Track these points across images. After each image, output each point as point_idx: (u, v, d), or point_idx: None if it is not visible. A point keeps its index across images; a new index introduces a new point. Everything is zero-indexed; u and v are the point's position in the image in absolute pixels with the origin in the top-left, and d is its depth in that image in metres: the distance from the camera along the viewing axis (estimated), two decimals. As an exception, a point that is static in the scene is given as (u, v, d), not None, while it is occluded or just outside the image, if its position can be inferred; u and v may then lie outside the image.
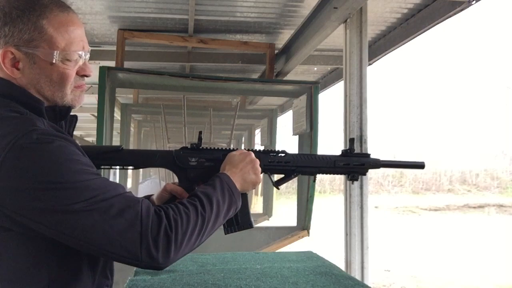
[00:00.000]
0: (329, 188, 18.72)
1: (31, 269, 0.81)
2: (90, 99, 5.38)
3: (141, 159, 1.19)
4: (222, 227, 1.21)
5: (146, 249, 0.79)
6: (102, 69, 3.02)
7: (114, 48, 3.72)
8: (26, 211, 0.76)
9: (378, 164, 1.29)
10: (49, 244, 0.81)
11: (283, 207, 10.11)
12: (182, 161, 1.17)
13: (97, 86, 3.05)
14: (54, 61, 0.89)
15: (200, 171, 1.18)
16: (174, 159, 1.17)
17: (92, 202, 0.78)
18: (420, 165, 1.34)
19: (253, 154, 1.15)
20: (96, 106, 2.98)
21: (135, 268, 1.70)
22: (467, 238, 9.78)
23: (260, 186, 6.52)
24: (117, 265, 1.02)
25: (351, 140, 1.31)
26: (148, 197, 1.23)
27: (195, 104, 6.31)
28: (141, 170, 8.00)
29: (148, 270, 1.68)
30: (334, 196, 16.89)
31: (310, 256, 1.98)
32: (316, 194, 3.61)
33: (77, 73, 0.94)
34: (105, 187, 0.82)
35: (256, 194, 7.47)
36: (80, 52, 0.93)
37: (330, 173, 1.28)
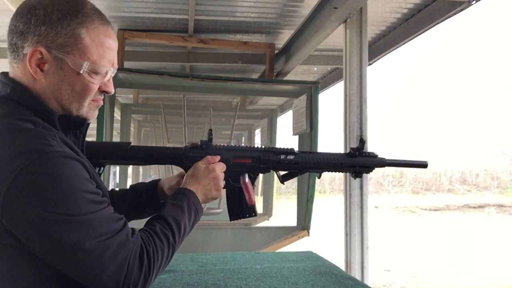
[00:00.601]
0: (329, 188, 18.72)
1: (37, 283, 0.82)
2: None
3: (151, 156, 1.20)
4: (227, 214, 1.25)
5: None
6: (102, 69, 3.02)
7: (114, 48, 3.71)
8: (27, 236, 0.77)
9: (384, 164, 1.31)
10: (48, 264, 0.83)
11: (283, 207, 10.11)
12: (191, 160, 1.17)
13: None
14: (81, 72, 0.87)
15: None
16: (183, 157, 1.18)
17: (92, 239, 0.79)
18: (423, 164, 1.37)
19: (217, 170, 1.13)
20: (96, 106, 2.98)
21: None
22: (467, 238, 9.78)
23: (260, 186, 6.52)
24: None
25: (361, 141, 1.31)
26: (157, 182, 1.24)
27: (195, 104, 6.32)
28: (140, 169, 8.00)
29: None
30: (334, 196, 16.90)
31: (310, 256, 1.98)
32: (316, 194, 3.61)
33: (98, 88, 0.93)
34: (107, 223, 0.83)
35: (256, 194, 7.46)
36: (109, 68, 0.92)
37: (337, 171, 1.30)
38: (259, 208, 6.31)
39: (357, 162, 1.28)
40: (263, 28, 3.77)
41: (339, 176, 17.74)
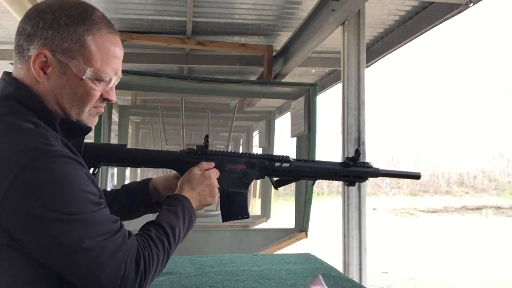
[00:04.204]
0: (327, 190, 18.72)
1: (33, 283, 0.81)
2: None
3: (145, 159, 1.21)
4: (220, 214, 1.26)
5: None
6: (100, 71, 3.01)
7: (112, 49, 3.71)
8: (25, 234, 0.77)
9: (378, 173, 1.32)
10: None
11: (281, 209, 10.10)
12: (186, 165, 1.18)
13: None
14: (83, 77, 0.88)
15: None
16: (178, 161, 1.19)
17: (90, 239, 0.79)
18: (416, 176, 1.39)
19: (212, 177, 1.14)
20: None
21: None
22: (465, 240, 9.79)
23: (258, 189, 6.51)
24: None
25: (357, 151, 1.30)
26: (148, 181, 1.24)
27: (193, 106, 6.31)
28: (138, 171, 7.99)
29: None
30: (332, 198, 16.89)
31: (308, 258, 1.98)
32: (314, 196, 3.61)
33: (100, 95, 0.94)
34: (105, 223, 0.83)
35: (254, 196, 7.47)
36: (112, 76, 0.93)
37: (330, 180, 1.32)
38: (257, 210, 6.31)
39: (351, 172, 1.29)
40: (261, 30, 3.77)
41: (337, 178, 17.69)
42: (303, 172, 1.26)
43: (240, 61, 4.42)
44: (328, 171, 1.28)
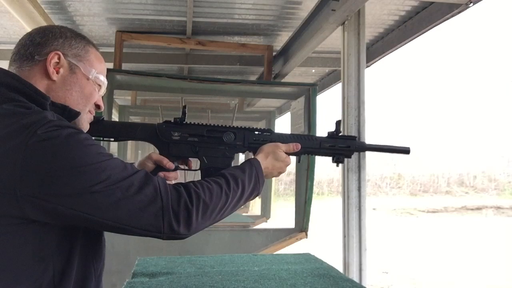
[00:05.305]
0: (327, 190, 18.73)
1: (41, 262, 0.83)
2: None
3: (122, 131, 1.17)
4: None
5: (168, 222, 0.86)
6: (100, 71, 3.01)
7: (112, 50, 3.71)
8: (54, 197, 0.79)
9: (364, 147, 1.30)
10: (61, 238, 0.85)
11: (281, 209, 10.10)
12: (165, 134, 1.15)
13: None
14: (90, 77, 1.00)
15: (183, 146, 1.17)
16: (156, 132, 1.16)
17: (113, 181, 0.83)
18: (405, 150, 1.35)
19: (289, 162, 1.20)
20: (94, 108, 2.97)
21: (132, 270, 1.70)
22: (465, 240, 9.80)
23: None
24: (114, 267, 1.02)
25: (338, 122, 1.29)
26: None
27: (193, 106, 6.32)
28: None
29: (146, 272, 1.68)
30: (332, 198, 16.90)
31: (308, 258, 1.98)
32: (314, 196, 3.61)
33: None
34: (123, 166, 0.88)
35: (254, 196, 7.45)
36: (104, 81, 1.04)
37: (315, 154, 1.28)
38: (257, 210, 6.31)
39: (336, 142, 1.27)
40: (261, 30, 3.77)
41: (337, 178, 17.76)
42: (285, 142, 1.22)
43: (240, 61, 4.42)
44: (312, 142, 1.25)
